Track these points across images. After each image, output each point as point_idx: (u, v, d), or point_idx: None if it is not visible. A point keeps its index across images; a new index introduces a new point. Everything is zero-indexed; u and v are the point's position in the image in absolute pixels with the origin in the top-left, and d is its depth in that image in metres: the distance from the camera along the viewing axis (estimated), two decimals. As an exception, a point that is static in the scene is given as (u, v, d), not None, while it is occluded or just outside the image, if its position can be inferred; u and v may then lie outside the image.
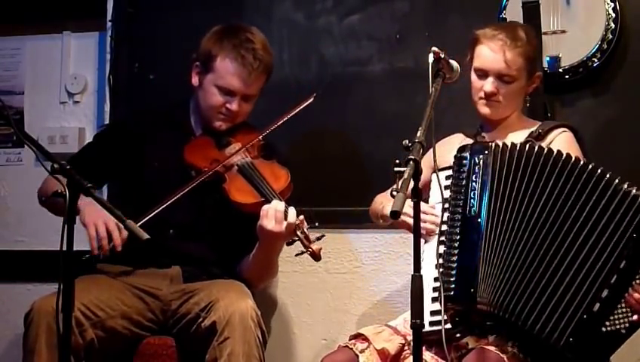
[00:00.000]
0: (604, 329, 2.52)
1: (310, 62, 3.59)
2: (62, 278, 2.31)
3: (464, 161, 2.67)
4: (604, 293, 2.52)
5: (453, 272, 2.57)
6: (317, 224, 2.81)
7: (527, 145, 2.66)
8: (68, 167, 2.34)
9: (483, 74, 2.83)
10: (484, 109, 2.87)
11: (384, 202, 2.94)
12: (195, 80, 3.08)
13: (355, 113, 3.52)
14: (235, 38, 3.01)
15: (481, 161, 2.64)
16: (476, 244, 2.58)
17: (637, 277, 2.52)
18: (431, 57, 2.55)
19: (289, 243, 2.83)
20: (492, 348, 2.52)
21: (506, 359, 2.50)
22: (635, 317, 2.51)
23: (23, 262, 3.77)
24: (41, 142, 2.99)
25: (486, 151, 2.65)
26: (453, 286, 2.55)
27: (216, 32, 3.07)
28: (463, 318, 2.59)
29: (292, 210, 2.80)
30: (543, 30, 3.23)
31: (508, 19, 3.28)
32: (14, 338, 3.08)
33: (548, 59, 3.23)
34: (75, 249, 2.33)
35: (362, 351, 2.64)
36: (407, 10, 3.50)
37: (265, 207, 2.82)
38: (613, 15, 3.19)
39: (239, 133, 3.09)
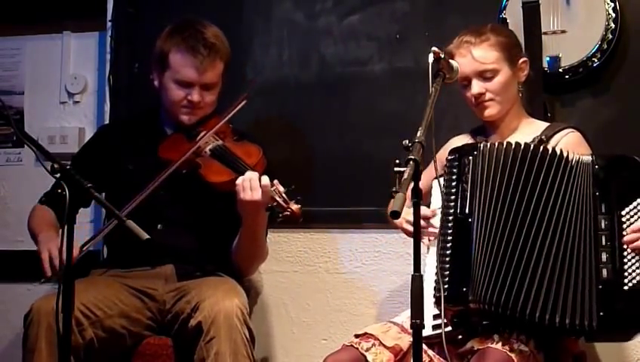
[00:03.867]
0: (626, 287, 2.51)
1: (310, 62, 3.59)
2: (62, 278, 2.31)
3: (454, 163, 2.70)
4: (604, 257, 2.53)
5: (447, 273, 2.59)
6: (292, 187, 2.85)
7: (514, 143, 2.67)
8: (68, 167, 2.35)
9: (467, 82, 2.85)
10: (482, 113, 2.88)
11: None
12: (156, 82, 3.14)
13: (355, 113, 3.52)
14: (184, 31, 3.08)
15: (470, 161, 2.67)
16: (468, 244, 2.59)
17: (623, 223, 2.54)
18: (431, 57, 2.55)
19: (268, 209, 2.85)
20: (498, 347, 2.51)
21: (514, 357, 2.49)
22: None
23: (23, 262, 3.77)
24: (41, 142, 3.00)
25: (475, 152, 2.68)
26: (447, 286, 2.56)
27: (166, 31, 3.13)
28: (461, 319, 2.59)
29: (265, 177, 2.84)
30: (543, 30, 3.23)
31: (508, 20, 3.29)
32: (14, 338, 3.08)
33: (548, 59, 3.23)
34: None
35: (368, 350, 2.63)
36: (407, 10, 3.50)
37: (238, 181, 2.86)
38: (613, 15, 3.19)
39: (209, 125, 3.11)
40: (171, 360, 2.94)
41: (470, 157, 2.67)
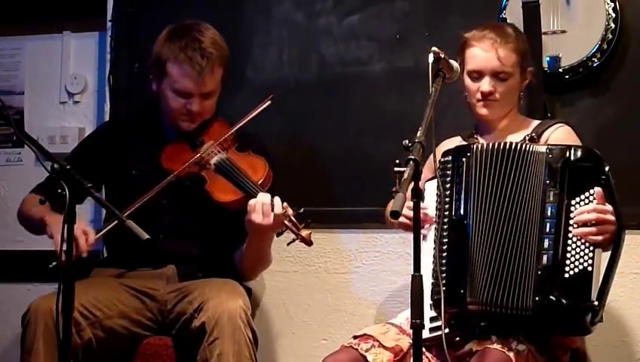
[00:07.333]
0: (566, 275, 2.51)
1: (310, 62, 3.59)
2: (61, 278, 2.31)
3: (448, 165, 2.69)
4: (546, 244, 2.53)
5: (444, 276, 2.58)
6: (302, 210, 2.83)
7: (502, 143, 2.67)
8: (68, 166, 2.35)
9: (478, 75, 2.83)
10: (483, 110, 2.86)
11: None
12: (153, 86, 3.10)
13: (355, 113, 3.52)
14: (181, 39, 3.01)
15: (464, 163, 2.67)
16: (464, 246, 2.60)
17: (571, 211, 2.54)
18: (431, 57, 2.56)
19: (278, 234, 2.85)
20: (497, 347, 2.51)
21: (512, 356, 2.49)
22: (597, 238, 2.51)
23: (23, 262, 3.77)
24: (41, 142, 2.99)
25: (468, 154, 2.67)
26: (444, 288, 2.55)
27: (164, 35, 3.07)
28: (458, 321, 2.59)
29: (277, 200, 2.82)
30: (543, 30, 3.23)
31: (508, 20, 3.29)
32: (14, 338, 3.08)
33: (548, 59, 3.23)
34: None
35: (368, 350, 2.63)
36: (407, 10, 3.50)
37: (251, 202, 2.84)
38: (613, 15, 3.19)
39: (211, 131, 3.09)
40: (172, 360, 2.94)
41: (464, 159, 2.67)
